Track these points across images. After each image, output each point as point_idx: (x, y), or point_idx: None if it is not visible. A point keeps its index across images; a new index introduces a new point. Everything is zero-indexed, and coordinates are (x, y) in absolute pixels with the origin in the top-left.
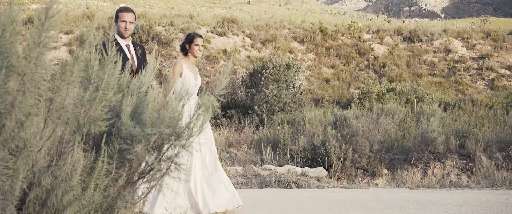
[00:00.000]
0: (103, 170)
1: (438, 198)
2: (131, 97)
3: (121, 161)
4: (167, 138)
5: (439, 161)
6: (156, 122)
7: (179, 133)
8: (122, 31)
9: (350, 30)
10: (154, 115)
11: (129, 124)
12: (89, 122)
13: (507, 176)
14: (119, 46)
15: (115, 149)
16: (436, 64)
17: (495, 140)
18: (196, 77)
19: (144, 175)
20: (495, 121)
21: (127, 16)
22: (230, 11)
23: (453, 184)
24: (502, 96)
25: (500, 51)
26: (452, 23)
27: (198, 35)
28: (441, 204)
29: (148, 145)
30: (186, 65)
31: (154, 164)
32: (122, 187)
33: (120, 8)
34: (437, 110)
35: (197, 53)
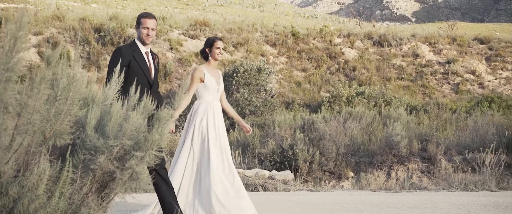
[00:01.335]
0: (68, 179)
1: (395, 200)
2: (95, 110)
3: (85, 170)
4: (129, 149)
5: (402, 164)
6: (118, 134)
7: (140, 144)
8: (144, 38)
9: (322, 34)
10: (116, 128)
11: (93, 136)
12: (55, 136)
13: (463, 178)
14: (140, 52)
15: (79, 159)
16: (405, 68)
17: (455, 144)
18: (218, 82)
19: (107, 183)
20: (457, 124)
21: (150, 22)
22: (203, 13)
23: (414, 186)
24: (466, 100)
25: (465, 56)
26: (421, 28)
27: (218, 38)
28: (397, 206)
29: (111, 156)
30: (208, 70)
31: (116, 173)
32: (86, 195)
33: (142, 14)
34: (403, 114)
35: (218, 56)
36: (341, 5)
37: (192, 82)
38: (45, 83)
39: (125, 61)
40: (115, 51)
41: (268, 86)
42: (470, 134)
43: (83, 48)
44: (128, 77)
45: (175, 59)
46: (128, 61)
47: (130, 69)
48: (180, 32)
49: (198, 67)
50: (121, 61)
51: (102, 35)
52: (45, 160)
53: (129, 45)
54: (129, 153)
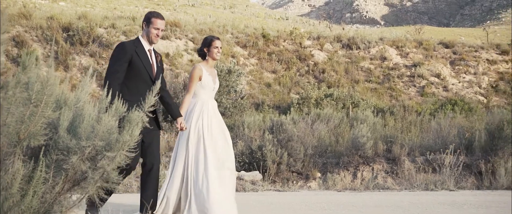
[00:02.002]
0: (41, 179)
1: (359, 199)
2: (68, 112)
3: (58, 170)
4: (100, 150)
5: (368, 164)
6: (90, 135)
7: (111, 145)
8: (153, 38)
9: (292, 36)
10: (89, 129)
11: (65, 137)
12: (29, 137)
13: (424, 178)
14: (143, 49)
15: (52, 159)
16: (372, 71)
17: (418, 145)
18: (214, 80)
19: (79, 182)
20: (421, 126)
21: (161, 23)
22: (174, 13)
23: (378, 186)
24: (431, 102)
25: (430, 60)
26: (390, 31)
27: (216, 38)
28: (360, 205)
29: (83, 156)
30: (205, 68)
31: (88, 173)
32: (59, 194)
33: (153, 13)
34: (370, 116)
35: (216, 56)
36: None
37: (192, 81)
38: (21, 87)
39: (127, 57)
40: (118, 46)
41: (238, 87)
42: (433, 136)
43: (51, 47)
44: (131, 73)
45: None
46: (130, 57)
47: (132, 65)
48: None
49: (197, 65)
50: (124, 57)
51: (71, 34)
52: (19, 160)
53: (132, 41)
54: (100, 153)
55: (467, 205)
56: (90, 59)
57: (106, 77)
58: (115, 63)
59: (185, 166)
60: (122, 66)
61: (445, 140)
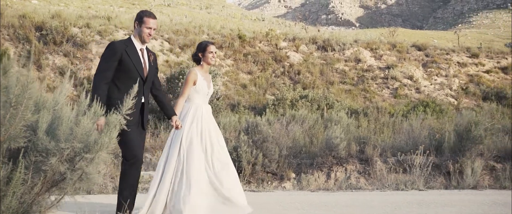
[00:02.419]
0: (20, 180)
1: (332, 199)
2: (47, 115)
3: (37, 171)
4: (79, 151)
5: (341, 165)
6: (69, 137)
7: (90, 147)
8: (146, 37)
9: (268, 38)
10: (67, 131)
11: (44, 139)
12: (9, 139)
13: (395, 178)
14: (134, 48)
15: (31, 161)
16: (347, 72)
17: (390, 146)
18: (209, 85)
19: (57, 183)
20: (394, 127)
21: (153, 23)
22: None
23: (351, 186)
24: (403, 104)
25: (403, 62)
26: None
27: (211, 43)
28: (332, 205)
29: (62, 158)
30: (200, 73)
31: (66, 174)
32: (37, 195)
33: (145, 12)
34: (344, 117)
35: (211, 61)
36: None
37: (187, 84)
38: (1, 91)
39: (117, 56)
40: (108, 45)
41: (214, 88)
42: (404, 137)
43: (23, 46)
44: (121, 72)
45: None
46: (119, 56)
47: (122, 65)
48: (125, 32)
49: (193, 70)
50: (113, 56)
51: (44, 33)
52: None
53: (123, 40)
54: (79, 155)
55: (434, 204)
56: (64, 59)
57: (94, 76)
58: (104, 62)
59: (176, 168)
60: (110, 65)
61: (416, 141)
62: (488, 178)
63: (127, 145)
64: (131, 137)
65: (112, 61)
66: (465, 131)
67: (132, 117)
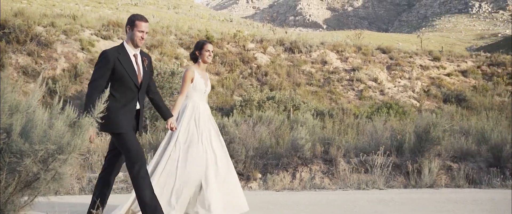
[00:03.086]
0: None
1: (295, 198)
2: (20, 118)
3: (11, 172)
4: (52, 153)
5: (306, 165)
6: (43, 139)
7: (63, 148)
8: (138, 41)
9: (236, 39)
10: (41, 133)
11: (19, 141)
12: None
13: (358, 178)
14: (127, 55)
15: (5, 162)
16: (313, 74)
17: (354, 147)
18: (206, 83)
19: (31, 183)
20: (358, 129)
21: (145, 26)
22: (116, 12)
23: (315, 186)
24: (368, 105)
25: (368, 64)
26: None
27: (208, 42)
28: (295, 203)
29: (35, 159)
30: (197, 71)
31: (40, 174)
32: (11, 194)
33: (137, 16)
34: (309, 118)
35: (208, 59)
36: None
37: (185, 83)
38: None
39: (110, 65)
40: (101, 54)
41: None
42: (367, 138)
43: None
44: (114, 80)
45: (87, 60)
46: (112, 65)
47: (115, 73)
48: (92, 32)
49: (190, 67)
50: (105, 65)
51: (7, 32)
52: None
53: (116, 48)
54: (52, 156)
55: (392, 202)
56: (28, 58)
57: (88, 86)
58: (97, 71)
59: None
60: (103, 74)
61: (379, 142)
62: (445, 178)
63: (131, 148)
64: (131, 142)
65: (104, 70)
66: (424, 133)
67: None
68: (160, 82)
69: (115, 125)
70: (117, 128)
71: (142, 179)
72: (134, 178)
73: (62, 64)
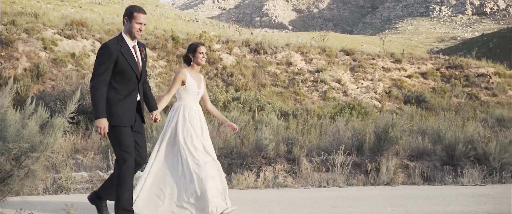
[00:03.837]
0: None
1: (258, 196)
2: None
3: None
4: (25, 151)
5: (270, 165)
6: (16, 138)
7: (35, 147)
8: (136, 32)
9: (201, 39)
10: (14, 133)
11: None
12: None
13: (319, 176)
14: (127, 47)
15: None
16: (278, 75)
17: (316, 146)
18: (199, 85)
19: (4, 180)
20: (321, 129)
21: (144, 18)
22: (80, 11)
23: (278, 184)
24: (331, 106)
25: (332, 66)
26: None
27: (201, 44)
28: (257, 201)
29: (9, 157)
30: (190, 73)
31: (13, 171)
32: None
33: (135, 7)
34: (274, 119)
35: (201, 61)
36: (222, 10)
37: (174, 84)
38: None
39: (113, 58)
40: (102, 47)
41: None
42: (330, 138)
43: None
44: (117, 73)
45: (49, 59)
46: (116, 58)
47: (118, 66)
48: (55, 31)
49: (182, 70)
50: (109, 59)
51: None
52: None
53: (116, 40)
54: (25, 154)
55: (349, 199)
56: None
57: (91, 80)
58: (100, 65)
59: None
60: (107, 68)
61: (340, 142)
62: (402, 175)
63: (123, 143)
64: (125, 137)
65: (108, 63)
66: (383, 133)
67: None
68: None
69: (113, 117)
70: (115, 120)
71: (125, 179)
72: (118, 176)
73: (23, 64)
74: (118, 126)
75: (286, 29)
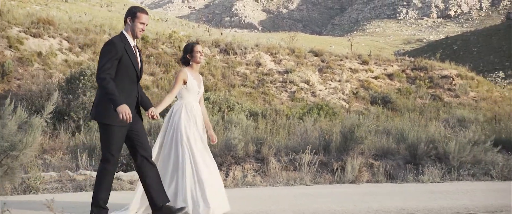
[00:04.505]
0: None
1: (228, 194)
2: None
3: None
4: (5, 150)
5: (239, 164)
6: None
7: (15, 145)
8: (138, 33)
9: (171, 39)
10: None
11: None
12: None
13: (287, 175)
14: (130, 45)
15: None
16: (248, 76)
17: (284, 146)
18: (199, 85)
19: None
20: (289, 129)
21: (146, 18)
22: (46, 9)
23: (247, 183)
24: (300, 107)
25: (301, 67)
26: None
27: (196, 43)
28: (228, 199)
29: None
30: (190, 73)
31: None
32: None
33: (138, 8)
34: (243, 119)
35: (200, 59)
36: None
37: (176, 83)
38: None
39: (119, 55)
40: (109, 43)
41: None
42: (298, 138)
43: None
44: (119, 70)
45: (15, 58)
46: (121, 55)
47: (121, 63)
48: (20, 29)
49: (183, 69)
50: (115, 55)
51: None
52: None
53: (119, 38)
54: (5, 152)
55: (313, 196)
56: None
57: (99, 75)
58: (106, 60)
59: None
60: (113, 64)
61: (308, 141)
62: (367, 174)
63: (112, 144)
64: (115, 139)
65: (114, 59)
66: (349, 133)
67: None
68: (94, 82)
69: (110, 116)
70: (111, 119)
71: (104, 178)
72: (99, 173)
73: None
74: (113, 126)
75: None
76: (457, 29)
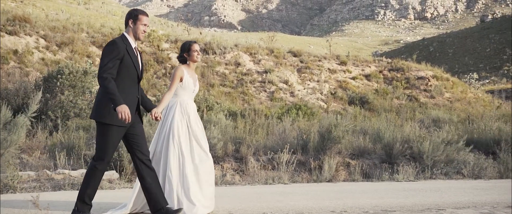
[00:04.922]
0: None
1: None
2: None
3: None
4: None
5: (218, 163)
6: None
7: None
8: (140, 34)
9: (150, 39)
10: None
11: None
12: None
13: (266, 174)
14: (131, 46)
15: None
16: (227, 75)
17: (263, 146)
18: (195, 83)
19: None
20: (268, 129)
21: (147, 20)
22: (21, 6)
23: (226, 182)
24: (279, 107)
25: (280, 67)
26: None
27: (194, 42)
28: None
29: None
30: (187, 71)
31: None
32: None
33: (139, 10)
34: (222, 119)
35: (197, 58)
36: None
37: (174, 80)
38: None
39: (120, 55)
40: (111, 44)
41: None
42: (276, 138)
43: None
44: (120, 71)
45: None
46: (122, 55)
47: (123, 64)
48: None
49: (180, 67)
50: (117, 55)
51: None
52: None
53: (121, 39)
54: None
55: (293, 194)
56: None
57: (101, 74)
58: (108, 60)
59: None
60: (115, 63)
61: (286, 141)
62: (344, 173)
63: (108, 145)
64: (111, 140)
65: (116, 59)
66: (327, 132)
67: None
68: (72, 81)
69: (110, 116)
70: (110, 119)
71: (93, 176)
72: (89, 170)
73: None
74: (111, 126)
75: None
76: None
